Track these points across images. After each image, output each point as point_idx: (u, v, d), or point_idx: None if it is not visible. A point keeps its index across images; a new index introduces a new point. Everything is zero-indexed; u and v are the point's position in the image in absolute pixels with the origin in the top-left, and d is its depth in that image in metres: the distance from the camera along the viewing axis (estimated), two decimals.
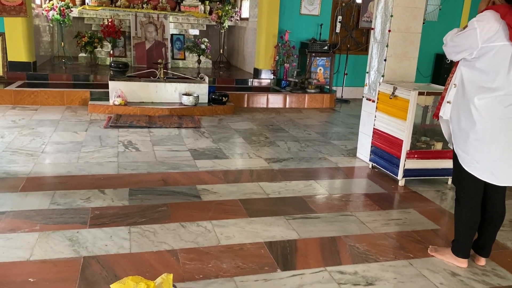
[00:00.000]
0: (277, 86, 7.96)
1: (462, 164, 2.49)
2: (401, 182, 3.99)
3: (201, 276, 2.39)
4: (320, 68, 7.78)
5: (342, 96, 8.26)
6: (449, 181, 4.11)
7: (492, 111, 2.37)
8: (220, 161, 4.36)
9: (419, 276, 2.53)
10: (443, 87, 4.13)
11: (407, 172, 3.94)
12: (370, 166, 4.44)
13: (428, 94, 3.86)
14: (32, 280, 2.26)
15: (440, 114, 2.66)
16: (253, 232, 2.93)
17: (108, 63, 8.40)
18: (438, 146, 4.02)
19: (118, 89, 6.13)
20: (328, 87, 7.94)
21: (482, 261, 2.69)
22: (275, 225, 3.05)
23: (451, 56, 2.56)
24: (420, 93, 3.77)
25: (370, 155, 4.40)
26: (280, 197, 3.57)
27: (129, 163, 4.14)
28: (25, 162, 3.98)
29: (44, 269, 2.36)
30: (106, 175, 3.80)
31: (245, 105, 7.20)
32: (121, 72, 6.82)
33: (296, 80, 7.67)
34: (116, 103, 6.04)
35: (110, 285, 1.81)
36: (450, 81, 2.61)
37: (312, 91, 7.62)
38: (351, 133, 5.80)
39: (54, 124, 5.32)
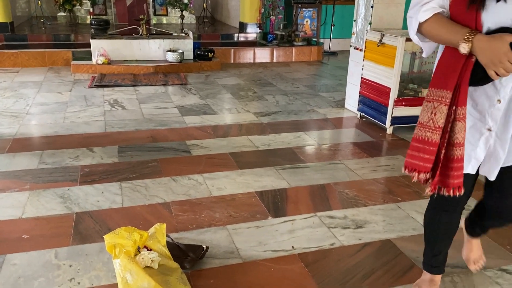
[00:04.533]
0: (264, 40, 7.81)
1: None
2: (389, 130, 4.02)
3: (194, 226, 2.43)
4: (307, 20, 7.62)
5: (329, 49, 8.15)
6: None
7: None
8: (209, 117, 4.33)
9: (407, 218, 2.60)
10: None
11: (395, 120, 3.96)
12: (358, 116, 4.45)
13: None
14: (26, 237, 2.28)
15: None
16: (244, 183, 2.96)
17: (88, 21, 8.13)
18: (426, 92, 4.02)
19: (100, 48, 5.98)
20: (316, 39, 7.82)
21: None
22: (265, 175, 3.08)
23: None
24: (408, 39, 3.73)
25: (358, 105, 4.40)
26: (269, 149, 3.59)
27: (116, 121, 4.10)
28: (10, 124, 3.92)
29: (38, 226, 2.38)
30: (93, 133, 3.77)
31: (232, 61, 7.08)
32: (103, 30, 6.60)
33: (283, 33, 7.53)
34: (100, 62, 5.90)
35: (104, 236, 1.83)
36: None
37: (299, 44, 7.50)
38: (339, 85, 5.78)
39: (37, 86, 5.20)
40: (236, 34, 7.86)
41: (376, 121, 4.16)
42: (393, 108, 3.91)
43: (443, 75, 1.49)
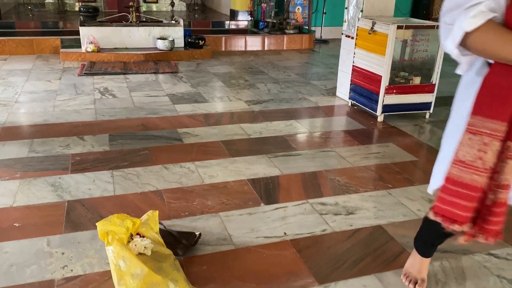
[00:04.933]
0: (255, 28, 7.77)
1: None
2: (380, 118, 4.04)
3: (186, 213, 2.44)
4: (298, 8, 7.58)
5: (321, 37, 8.13)
6: (427, 115, 4.18)
7: None
8: (200, 105, 4.32)
9: (397, 204, 2.63)
10: (422, 21, 4.11)
11: (386, 108, 3.98)
12: (350, 104, 4.46)
13: (407, 27, 3.82)
14: (17, 225, 2.27)
15: None
16: (236, 170, 2.97)
17: (77, 8, 8.02)
18: (417, 80, 4.04)
19: (90, 35, 5.90)
20: (307, 27, 7.79)
21: None
22: (257, 163, 3.09)
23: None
24: (399, 27, 3.73)
25: (350, 93, 4.41)
26: (261, 137, 3.59)
27: (107, 109, 4.07)
28: None
29: (29, 214, 2.37)
30: (84, 122, 3.74)
31: (223, 49, 7.04)
32: (92, 17, 6.52)
33: (274, 21, 7.49)
34: (89, 49, 5.83)
35: (96, 223, 1.83)
36: None
37: (291, 31, 7.47)
38: (330, 73, 5.78)
39: (26, 74, 5.13)
40: (227, 22, 7.80)
41: (367, 109, 4.17)
42: (384, 96, 3.92)
43: (494, 100, 1.15)
